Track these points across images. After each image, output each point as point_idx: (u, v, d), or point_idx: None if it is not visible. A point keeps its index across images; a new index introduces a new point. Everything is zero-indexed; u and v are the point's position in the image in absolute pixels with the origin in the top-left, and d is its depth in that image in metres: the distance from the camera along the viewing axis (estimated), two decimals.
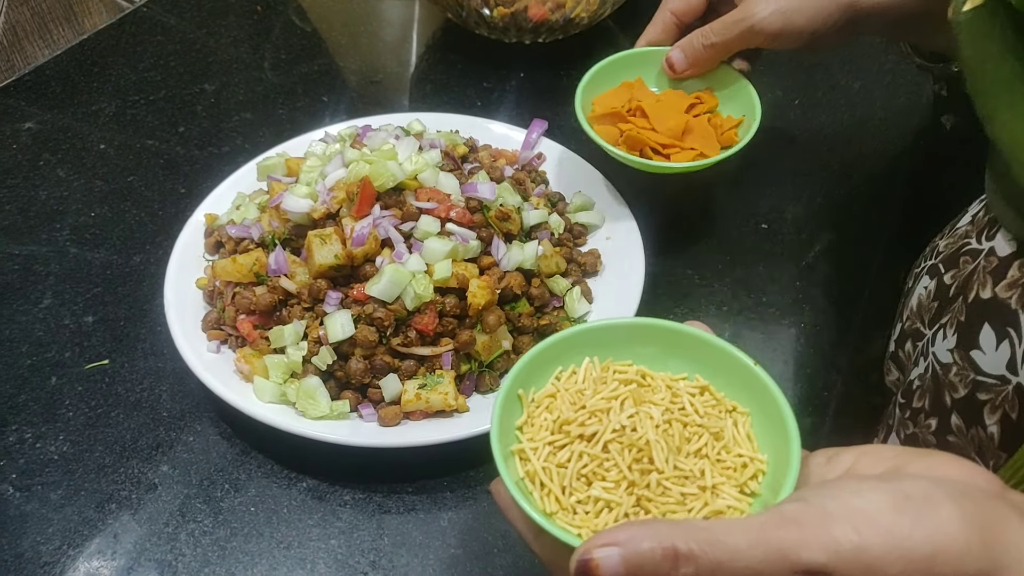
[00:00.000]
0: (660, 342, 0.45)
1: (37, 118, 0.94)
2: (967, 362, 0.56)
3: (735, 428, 0.42)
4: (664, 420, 0.41)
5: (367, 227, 0.65)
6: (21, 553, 0.58)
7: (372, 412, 0.63)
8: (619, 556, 0.33)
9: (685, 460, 0.40)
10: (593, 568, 0.33)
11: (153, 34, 1.06)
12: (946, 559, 0.33)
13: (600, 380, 0.44)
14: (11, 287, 0.76)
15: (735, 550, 0.33)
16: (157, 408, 0.67)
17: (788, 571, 0.32)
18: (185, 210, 0.78)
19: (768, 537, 0.33)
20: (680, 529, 0.33)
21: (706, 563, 0.32)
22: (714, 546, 0.33)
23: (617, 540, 0.33)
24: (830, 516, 0.33)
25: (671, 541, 0.33)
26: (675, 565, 0.32)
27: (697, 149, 0.73)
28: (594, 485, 0.40)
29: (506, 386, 0.43)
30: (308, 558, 0.58)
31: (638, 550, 0.33)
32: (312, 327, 0.64)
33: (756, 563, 0.32)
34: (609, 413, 0.41)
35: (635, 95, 0.77)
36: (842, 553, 0.32)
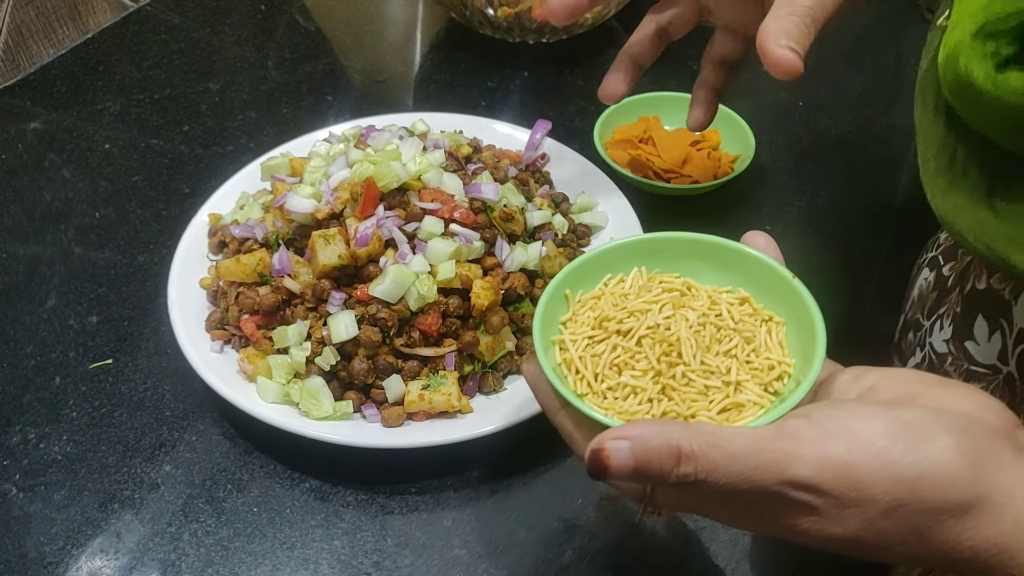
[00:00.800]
0: (708, 257, 0.48)
1: (43, 118, 0.94)
2: (961, 352, 0.56)
3: (768, 335, 0.45)
4: (699, 323, 0.44)
5: (371, 227, 0.65)
6: (25, 553, 0.59)
7: (375, 413, 0.63)
8: (628, 449, 0.36)
9: (713, 358, 0.43)
10: (604, 458, 0.36)
11: (157, 33, 1.06)
12: (929, 485, 0.34)
13: (645, 288, 0.47)
14: (16, 287, 0.76)
15: (732, 455, 0.35)
16: (160, 408, 0.67)
17: (776, 480, 0.35)
18: (189, 210, 0.78)
19: (764, 447, 0.35)
20: (687, 431, 0.36)
21: (704, 464, 0.35)
22: (714, 449, 0.35)
23: (629, 435, 0.36)
24: (827, 434, 0.35)
25: (676, 440, 0.35)
26: (677, 463, 0.35)
27: (693, 177, 0.82)
28: (624, 373, 0.43)
29: (554, 284, 0.46)
30: (311, 558, 0.58)
31: (646, 446, 0.35)
32: (316, 327, 0.64)
33: (749, 470, 0.35)
34: (647, 314, 0.44)
35: (649, 127, 0.86)
36: (831, 468, 0.34)
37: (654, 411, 0.41)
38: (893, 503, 0.34)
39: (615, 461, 0.36)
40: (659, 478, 0.36)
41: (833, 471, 0.34)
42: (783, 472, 0.35)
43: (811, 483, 0.35)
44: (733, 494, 0.36)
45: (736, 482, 0.35)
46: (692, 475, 0.35)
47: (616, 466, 0.36)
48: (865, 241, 0.81)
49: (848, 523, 0.35)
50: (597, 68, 1.01)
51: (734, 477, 0.35)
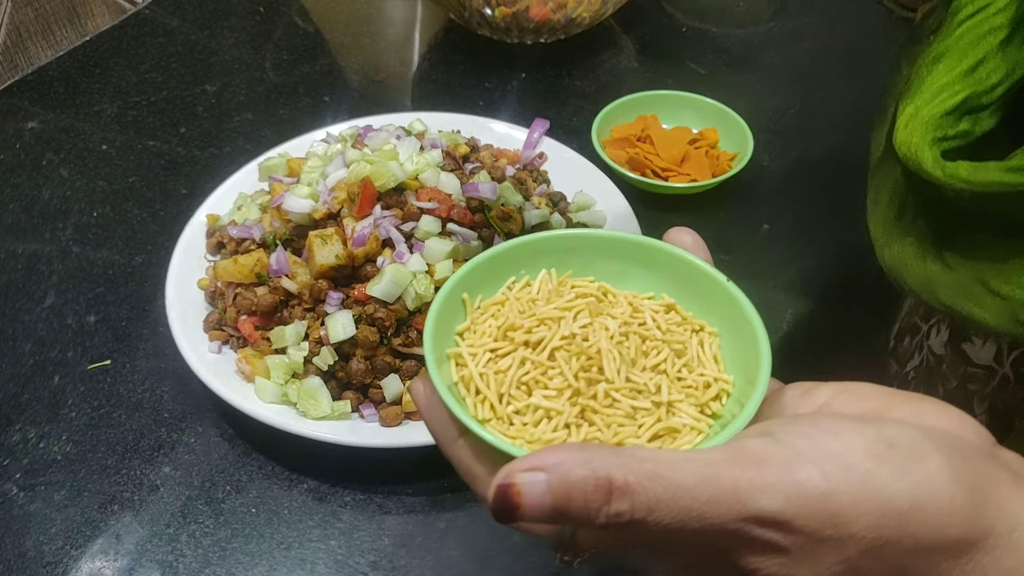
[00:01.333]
0: (625, 256, 0.41)
1: (40, 118, 0.94)
2: (958, 355, 0.56)
3: (700, 347, 0.38)
4: (621, 333, 0.37)
5: (368, 227, 0.65)
6: (24, 553, 0.59)
7: (373, 412, 0.63)
8: (545, 483, 0.28)
9: (640, 374, 0.36)
10: (514, 495, 0.28)
11: (155, 35, 1.06)
12: (925, 518, 0.28)
13: (556, 292, 0.39)
14: (15, 286, 0.76)
15: (679, 487, 0.28)
16: (159, 409, 0.67)
17: (737, 517, 0.28)
18: (187, 210, 0.78)
19: (720, 475, 0.28)
20: (620, 458, 0.28)
21: (643, 500, 0.28)
22: (655, 480, 0.28)
23: (545, 464, 0.28)
24: (797, 456, 0.29)
25: (607, 471, 0.28)
26: (608, 499, 0.28)
27: (691, 175, 0.83)
28: (535, 393, 0.35)
29: (448, 288, 0.38)
30: (308, 559, 0.58)
31: (567, 479, 0.28)
32: (313, 327, 0.65)
33: (701, 504, 0.28)
34: (560, 322, 0.37)
35: (647, 126, 0.87)
36: (804, 499, 0.28)
37: (572, 439, 0.34)
38: (879, 540, 0.28)
39: (528, 499, 0.28)
40: (585, 518, 0.28)
41: (807, 502, 0.28)
42: (744, 506, 0.28)
43: (779, 518, 0.28)
44: (679, 536, 0.28)
45: (684, 520, 0.28)
46: (627, 514, 0.28)
47: (530, 505, 0.28)
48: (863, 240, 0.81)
49: (822, 566, 0.28)
50: (594, 68, 1.02)
51: (681, 514, 0.28)
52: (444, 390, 0.34)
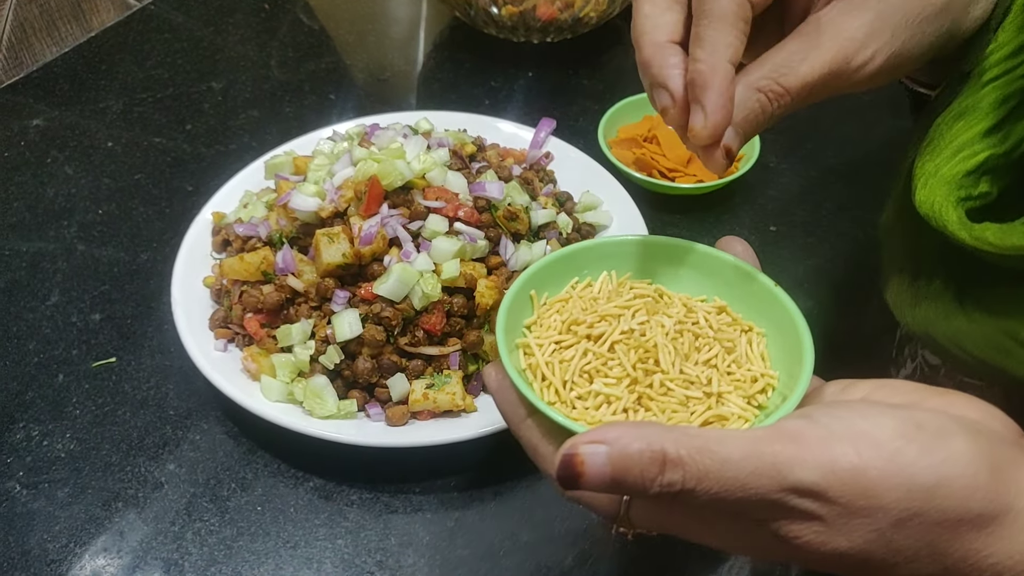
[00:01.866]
0: (680, 261, 0.45)
1: (45, 115, 0.94)
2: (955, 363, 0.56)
3: (749, 346, 0.42)
4: (676, 330, 0.41)
5: (375, 226, 0.65)
6: (28, 550, 0.58)
7: (379, 411, 0.63)
8: (606, 455, 0.31)
9: (693, 367, 0.40)
10: (578, 464, 0.31)
11: (160, 32, 1.06)
12: (950, 492, 0.31)
13: (616, 292, 0.44)
14: (19, 284, 0.76)
15: (726, 460, 0.31)
16: (164, 406, 0.67)
17: (777, 487, 0.31)
18: (192, 208, 0.78)
19: (762, 451, 0.31)
20: (672, 433, 0.31)
21: (694, 471, 0.31)
22: (704, 454, 0.31)
23: (605, 438, 0.31)
24: (832, 435, 0.31)
25: (661, 444, 0.31)
26: (662, 470, 0.31)
27: (698, 176, 0.82)
28: (595, 381, 0.39)
29: (518, 284, 0.42)
30: (315, 557, 0.58)
31: (626, 451, 0.31)
32: (319, 326, 0.64)
33: (745, 476, 0.31)
34: (620, 319, 0.41)
35: (654, 126, 0.85)
36: (838, 473, 0.30)
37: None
38: (908, 512, 0.31)
39: (590, 468, 0.31)
40: (640, 487, 0.31)
41: (841, 476, 0.30)
42: (784, 477, 0.30)
43: (816, 489, 0.31)
44: (724, 505, 0.31)
45: (730, 490, 0.31)
46: (679, 483, 0.31)
47: (591, 473, 0.31)
48: (870, 241, 0.81)
49: (855, 535, 0.31)
50: (602, 67, 1.02)
51: (727, 484, 0.31)
52: (515, 374, 0.38)
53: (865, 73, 0.41)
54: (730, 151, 0.40)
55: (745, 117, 0.40)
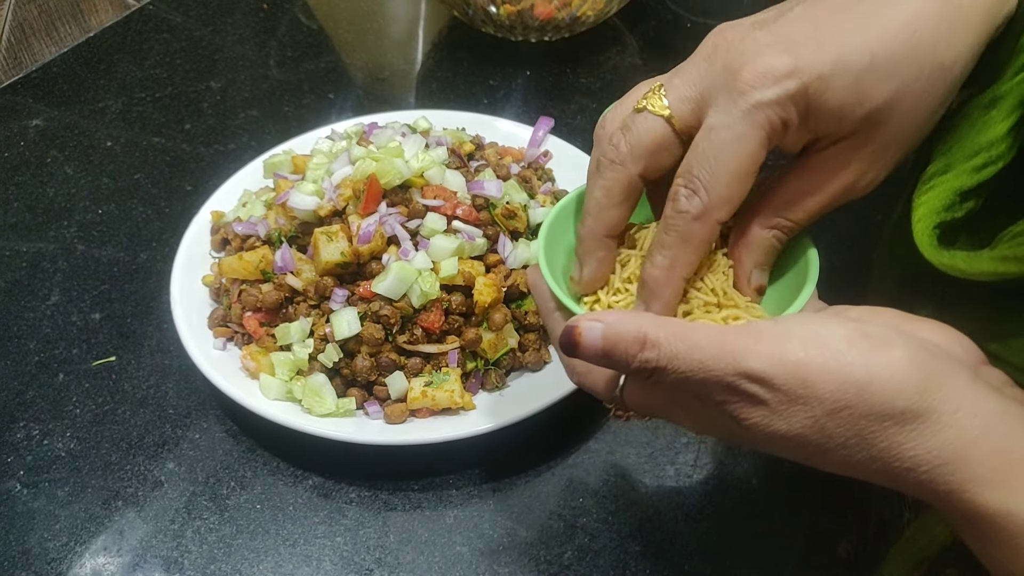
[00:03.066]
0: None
1: (44, 115, 0.94)
2: None
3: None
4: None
5: (373, 224, 0.65)
6: (28, 549, 0.59)
7: (378, 409, 0.63)
8: (600, 330, 0.38)
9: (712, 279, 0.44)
10: (576, 335, 0.38)
11: (159, 32, 1.06)
12: (878, 390, 0.34)
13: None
14: (19, 284, 0.77)
15: (694, 345, 0.36)
16: (163, 405, 0.67)
17: (732, 371, 0.36)
18: (191, 207, 0.78)
19: (725, 340, 0.36)
20: (656, 321, 0.37)
21: (667, 351, 0.36)
22: (677, 338, 0.36)
23: (603, 319, 0.38)
24: (788, 334, 0.36)
25: (644, 328, 0.37)
26: (642, 348, 0.37)
27: None
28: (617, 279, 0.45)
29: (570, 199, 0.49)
30: (314, 555, 0.58)
31: (616, 328, 0.37)
32: (318, 324, 0.64)
33: (707, 359, 0.36)
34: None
35: None
36: (784, 364, 0.35)
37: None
38: (839, 404, 0.35)
39: (586, 339, 0.38)
40: (623, 361, 0.37)
41: (785, 367, 0.35)
42: (738, 363, 0.35)
43: (763, 376, 0.35)
44: (690, 385, 0.37)
45: (694, 371, 0.36)
46: (654, 361, 0.37)
47: (586, 344, 0.38)
48: (870, 240, 0.81)
49: (794, 420, 0.36)
50: (599, 66, 1.02)
51: (693, 365, 0.36)
52: (547, 272, 0.44)
53: (872, 187, 0.43)
54: (762, 288, 0.46)
55: (764, 253, 0.45)
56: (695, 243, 0.42)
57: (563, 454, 0.64)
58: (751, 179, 0.41)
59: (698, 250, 0.42)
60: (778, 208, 0.44)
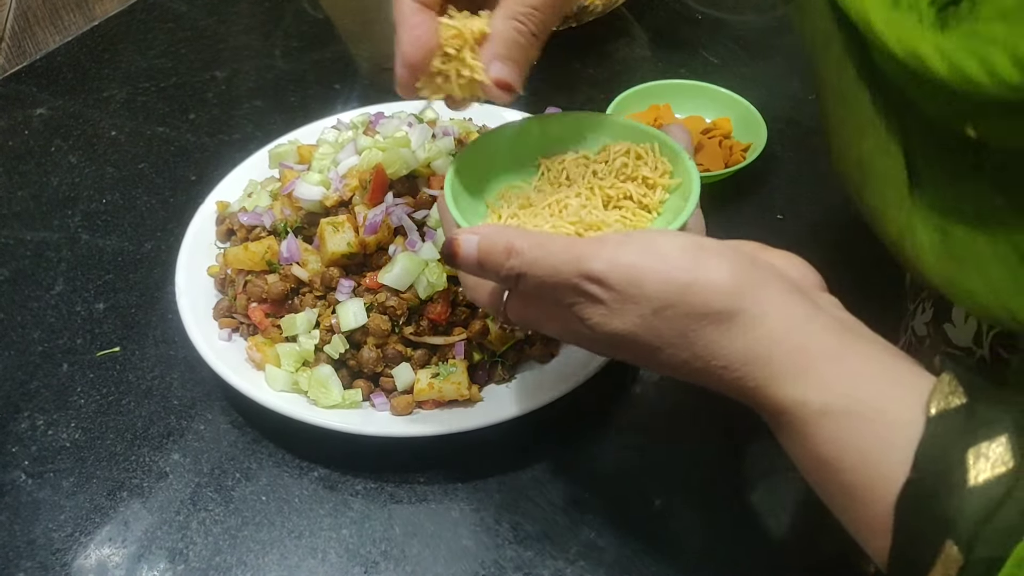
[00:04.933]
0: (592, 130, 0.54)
1: (48, 104, 0.94)
2: (940, 335, 0.56)
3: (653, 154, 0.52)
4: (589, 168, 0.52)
5: (380, 215, 0.64)
6: (33, 539, 0.58)
7: (384, 401, 0.63)
8: (475, 243, 0.43)
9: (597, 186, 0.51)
10: (456, 245, 0.43)
11: (164, 21, 1.06)
12: (698, 291, 0.39)
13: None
14: (24, 273, 0.76)
15: (549, 252, 0.41)
16: (168, 396, 0.67)
17: (576, 273, 0.40)
18: (196, 197, 0.78)
19: (574, 246, 0.41)
20: (522, 233, 0.42)
21: (527, 258, 0.41)
22: (536, 247, 0.41)
23: (479, 232, 0.43)
24: (630, 241, 0.40)
25: (511, 240, 0.42)
26: (508, 256, 0.42)
27: (705, 165, 0.82)
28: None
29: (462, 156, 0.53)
30: (319, 547, 0.58)
31: (489, 239, 0.42)
32: (324, 315, 0.64)
33: (558, 263, 0.40)
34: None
35: (660, 116, 0.86)
36: (618, 267, 0.39)
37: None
38: (664, 303, 0.39)
39: (462, 250, 0.43)
40: (495, 269, 0.42)
41: (620, 268, 0.39)
42: (580, 265, 0.40)
43: (600, 277, 0.39)
44: (547, 291, 0.41)
45: (548, 275, 0.41)
46: (517, 268, 0.41)
47: (463, 254, 0.43)
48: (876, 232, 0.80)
49: (627, 318, 0.40)
50: (607, 57, 1.01)
51: (547, 270, 0.41)
52: (451, 200, 0.48)
53: None
54: (501, 82, 0.48)
55: (504, 45, 0.47)
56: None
57: (570, 448, 0.63)
58: None
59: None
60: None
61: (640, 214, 0.50)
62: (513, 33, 0.47)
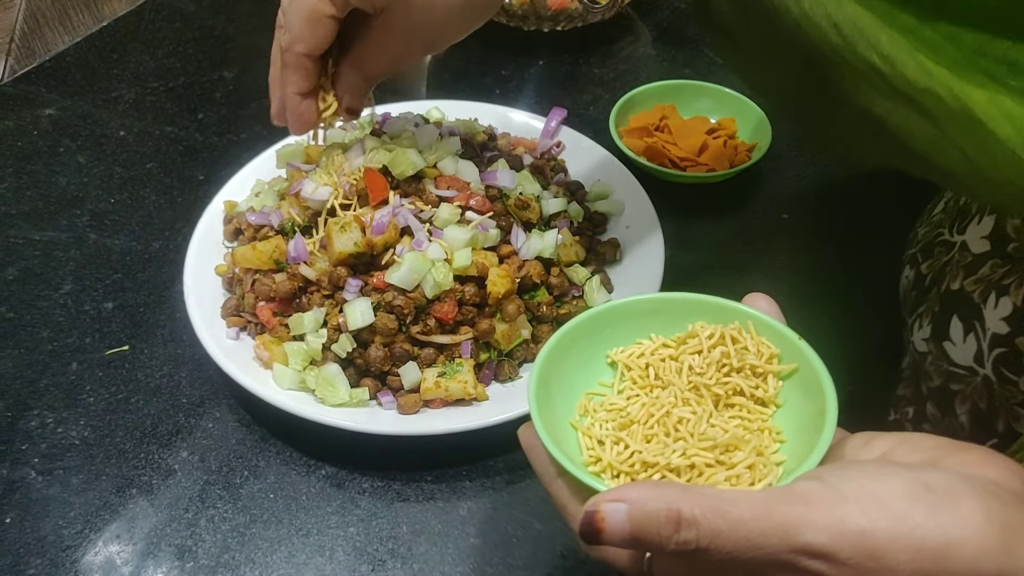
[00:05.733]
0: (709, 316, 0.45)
1: (57, 104, 0.94)
2: (940, 352, 0.55)
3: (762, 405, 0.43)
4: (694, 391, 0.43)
5: (387, 215, 0.65)
6: (43, 536, 0.59)
7: (391, 400, 0.63)
8: (625, 513, 0.33)
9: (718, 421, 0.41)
10: (599, 520, 0.33)
11: (172, 21, 1.06)
12: (959, 555, 0.31)
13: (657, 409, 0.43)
14: (32, 272, 0.77)
15: (737, 520, 0.32)
16: (176, 394, 0.67)
17: (787, 548, 0.32)
18: (204, 197, 0.78)
19: (772, 512, 0.32)
20: (688, 493, 0.33)
21: (707, 530, 0.32)
22: (717, 513, 0.32)
23: (626, 497, 0.33)
24: (841, 496, 0.32)
25: (677, 505, 0.33)
26: (677, 528, 0.32)
27: (710, 165, 0.82)
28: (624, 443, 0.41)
29: (552, 342, 0.44)
30: (327, 545, 0.58)
31: (644, 509, 0.33)
32: (332, 314, 0.64)
33: (756, 536, 0.32)
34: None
35: (666, 115, 0.86)
36: (846, 535, 0.31)
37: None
38: (916, 574, 0.31)
39: (610, 524, 0.33)
40: (657, 545, 0.33)
41: (849, 538, 0.31)
42: (793, 539, 0.31)
43: (825, 551, 0.31)
44: (738, 564, 0.33)
45: (742, 549, 0.32)
46: (694, 542, 0.32)
47: (611, 530, 0.33)
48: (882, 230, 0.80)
49: None
50: (612, 56, 1.01)
51: (740, 544, 0.32)
52: (545, 436, 0.39)
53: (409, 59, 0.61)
54: (352, 109, 0.64)
55: (349, 88, 0.62)
56: (292, 68, 0.59)
57: None
58: (322, 25, 0.57)
59: (297, 73, 0.59)
60: (356, 58, 0.61)
61: (757, 411, 0.42)
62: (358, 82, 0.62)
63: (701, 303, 0.45)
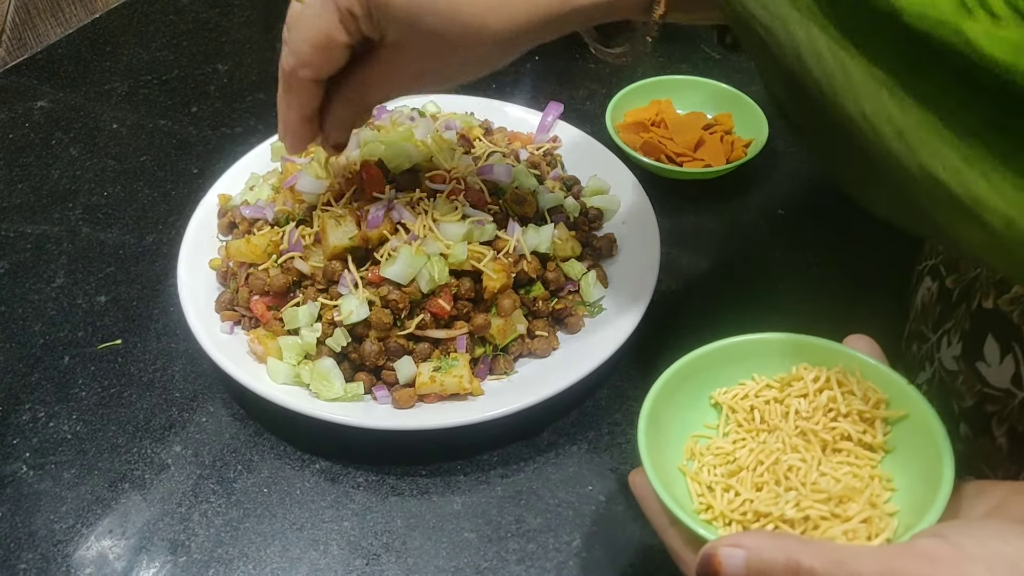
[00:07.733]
0: (807, 358, 0.45)
1: (49, 97, 0.93)
2: (973, 373, 0.54)
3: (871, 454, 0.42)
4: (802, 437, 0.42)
5: (382, 209, 0.64)
6: (35, 531, 0.58)
7: (386, 394, 0.63)
8: (743, 559, 0.34)
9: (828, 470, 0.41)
10: (716, 564, 0.34)
11: (165, 13, 1.06)
12: None
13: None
14: (24, 266, 0.76)
15: (859, 574, 0.32)
16: (170, 389, 0.67)
17: None
18: (198, 190, 0.78)
19: (895, 568, 0.32)
20: (808, 546, 0.33)
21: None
22: (838, 567, 0.32)
23: (744, 544, 0.34)
24: (966, 556, 0.32)
25: (796, 555, 0.33)
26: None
27: (706, 160, 0.81)
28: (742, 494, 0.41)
29: (658, 387, 0.44)
30: (321, 539, 0.58)
31: (762, 557, 0.33)
32: (326, 309, 0.64)
33: None
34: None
35: (662, 111, 0.85)
36: None
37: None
38: None
39: (727, 569, 0.34)
40: None
41: None
42: None
43: None
44: None
45: None
46: None
47: (727, 574, 0.34)
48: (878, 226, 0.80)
49: None
50: None
51: None
52: (659, 485, 0.39)
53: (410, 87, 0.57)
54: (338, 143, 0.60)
55: (336, 119, 0.58)
56: (295, 91, 0.56)
57: (572, 440, 0.63)
58: (330, 51, 0.53)
59: (300, 97, 0.56)
60: (354, 87, 0.56)
61: (865, 456, 0.42)
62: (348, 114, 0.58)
63: (803, 344, 0.45)
